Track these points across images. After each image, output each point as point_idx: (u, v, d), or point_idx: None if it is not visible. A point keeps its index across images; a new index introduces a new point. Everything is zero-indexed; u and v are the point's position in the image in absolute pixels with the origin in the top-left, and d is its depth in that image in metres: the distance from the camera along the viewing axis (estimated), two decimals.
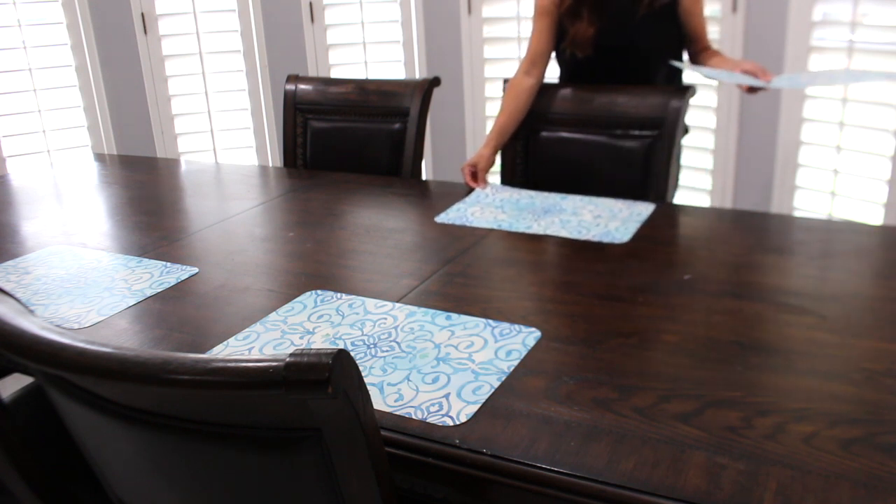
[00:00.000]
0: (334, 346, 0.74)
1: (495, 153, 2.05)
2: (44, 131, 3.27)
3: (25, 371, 1.11)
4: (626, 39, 2.01)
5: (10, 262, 1.55)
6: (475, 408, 0.97)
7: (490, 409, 0.97)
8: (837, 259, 1.43)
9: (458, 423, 0.95)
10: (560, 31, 2.04)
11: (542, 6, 2.02)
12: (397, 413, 0.97)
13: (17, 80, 3.18)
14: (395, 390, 1.02)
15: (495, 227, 1.64)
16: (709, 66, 1.98)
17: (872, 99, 2.52)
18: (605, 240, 1.53)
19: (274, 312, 1.27)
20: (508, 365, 1.07)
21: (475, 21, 3.20)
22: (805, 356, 1.08)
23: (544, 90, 2.07)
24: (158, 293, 1.37)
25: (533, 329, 1.17)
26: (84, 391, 0.80)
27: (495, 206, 1.77)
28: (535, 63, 2.05)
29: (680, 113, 1.91)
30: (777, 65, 2.74)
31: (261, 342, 1.17)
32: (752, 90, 1.82)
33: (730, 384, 1.01)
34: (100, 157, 2.51)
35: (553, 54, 2.09)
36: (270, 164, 3.53)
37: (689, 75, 2.13)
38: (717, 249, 1.52)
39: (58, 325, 0.80)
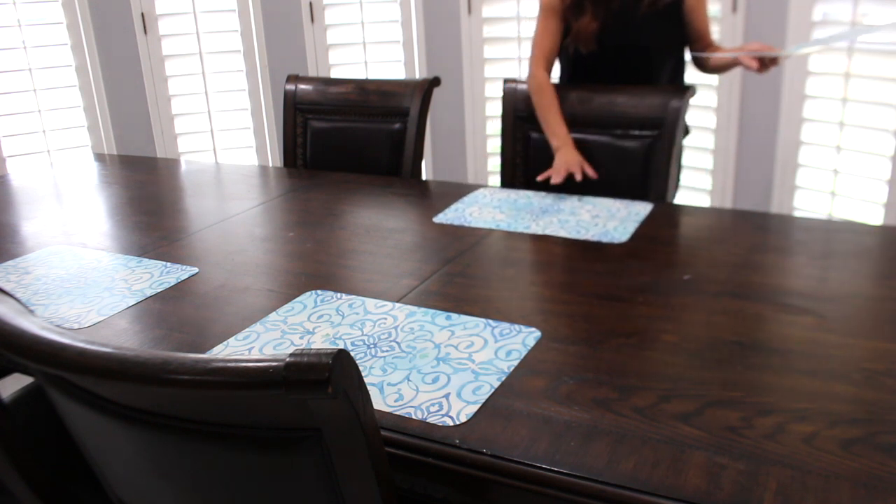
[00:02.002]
0: (334, 346, 0.74)
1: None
2: (44, 131, 3.27)
3: (25, 371, 1.11)
4: (629, 38, 2.01)
5: (10, 262, 1.55)
6: (475, 408, 0.97)
7: (490, 409, 0.97)
8: (837, 259, 1.43)
9: (458, 423, 0.95)
10: (564, 29, 2.05)
11: (550, 4, 2.02)
12: (397, 413, 0.97)
13: (17, 80, 3.18)
14: (395, 390, 1.02)
15: (494, 227, 1.64)
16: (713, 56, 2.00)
17: (872, 99, 2.52)
18: (604, 240, 1.53)
19: (274, 312, 1.27)
20: (508, 365, 1.07)
21: (475, 21, 3.20)
22: (805, 356, 1.08)
23: None
24: (158, 293, 1.37)
25: (533, 329, 1.17)
26: (84, 391, 0.80)
27: (493, 206, 1.77)
28: (549, 61, 2.05)
29: (680, 113, 1.91)
30: (777, 66, 2.74)
31: (261, 342, 1.17)
32: (762, 67, 1.81)
33: (730, 384, 1.01)
34: (100, 157, 2.51)
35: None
36: (270, 164, 3.53)
37: (691, 74, 2.13)
38: (717, 249, 1.52)
39: (58, 325, 0.80)
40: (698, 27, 2.02)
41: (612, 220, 1.64)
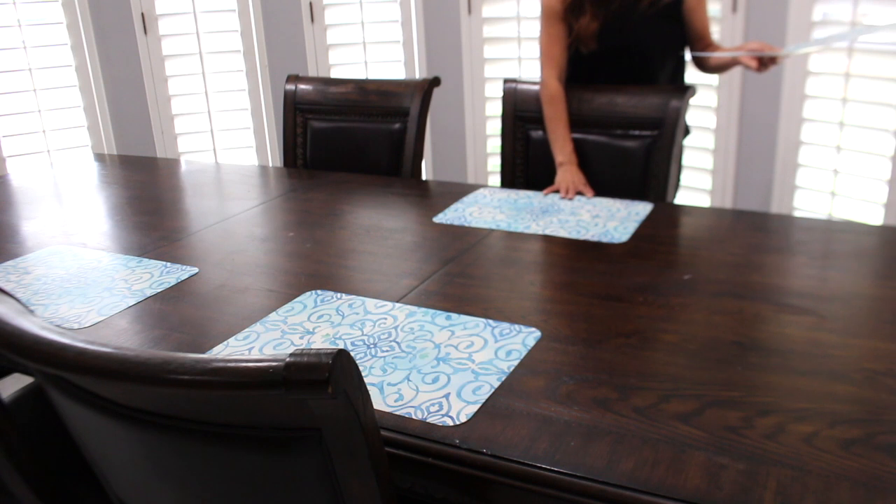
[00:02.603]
0: (334, 346, 0.74)
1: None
2: (44, 131, 3.27)
3: (25, 371, 1.11)
4: (628, 38, 2.01)
5: (10, 262, 1.55)
6: (475, 408, 0.97)
7: (490, 409, 0.97)
8: (837, 259, 1.43)
9: (458, 423, 0.95)
10: (568, 31, 2.05)
11: (553, 10, 2.02)
12: (397, 413, 0.97)
13: (17, 80, 3.18)
14: (395, 390, 1.02)
15: (494, 227, 1.64)
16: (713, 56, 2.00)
17: (872, 99, 2.52)
18: (604, 240, 1.53)
19: (274, 312, 1.27)
20: (508, 365, 1.07)
21: (475, 21, 3.20)
22: (805, 356, 1.08)
23: None
24: (158, 293, 1.37)
25: (533, 329, 1.17)
26: (84, 391, 0.80)
27: (493, 207, 1.76)
28: (561, 68, 2.04)
29: (679, 113, 1.91)
30: (776, 65, 2.73)
31: (261, 342, 1.17)
32: (762, 66, 1.81)
33: (730, 384, 1.01)
34: (100, 157, 2.51)
35: None
36: (270, 164, 3.53)
37: (692, 74, 2.13)
38: (717, 249, 1.52)
39: (58, 325, 0.80)
40: (698, 27, 2.02)
41: (612, 220, 1.64)
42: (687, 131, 2.18)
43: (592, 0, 1.98)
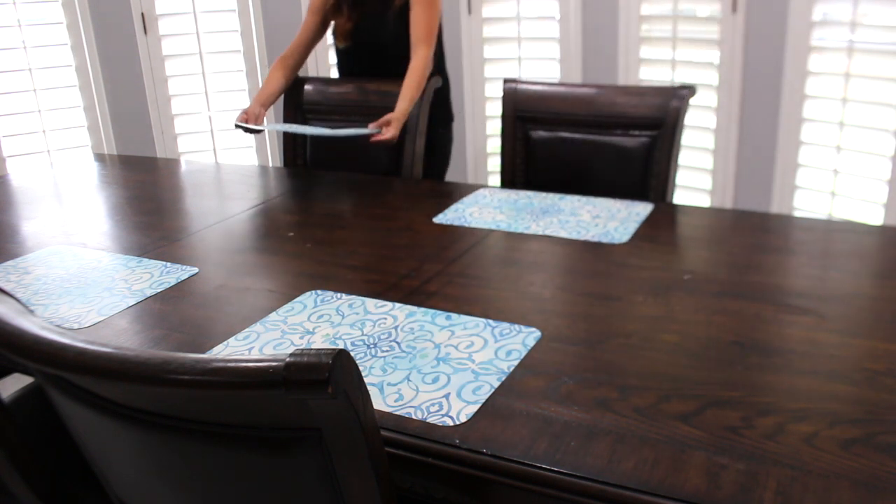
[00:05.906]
0: (334, 346, 0.74)
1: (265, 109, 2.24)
2: (44, 131, 3.27)
3: (25, 371, 1.11)
4: (376, 37, 2.24)
5: (10, 262, 1.55)
6: (475, 408, 0.97)
7: (490, 409, 0.97)
8: (837, 259, 1.43)
9: (458, 423, 0.95)
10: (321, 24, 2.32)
11: (314, 3, 2.27)
12: (397, 413, 0.97)
13: (17, 80, 3.18)
14: (395, 390, 1.02)
15: (494, 227, 1.63)
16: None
17: (872, 99, 2.52)
18: (605, 240, 1.53)
19: (274, 312, 1.27)
20: (508, 365, 1.07)
21: (475, 21, 3.20)
22: (805, 356, 1.08)
23: (544, 91, 2.08)
24: (158, 293, 1.37)
25: (533, 329, 1.17)
26: (84, 391, 0.80)
27: (493, 207, 1.76)
28: (293, 52, 2.31)
29: (680, 113, 1.91)
30: (777, 65, 2.74)
31: (261, 342, 1.17)
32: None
33: (730, 384, 1.01)
34: (100, 157, 2.51)
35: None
36: (270, 164, 3.53)
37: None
38: (717, 249, 1.52)
39: (58, 325, 0.80)
40: (411, 25, 2.16)
41: (612, 220, 1.64)
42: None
43: (349, 3, 2.22)
